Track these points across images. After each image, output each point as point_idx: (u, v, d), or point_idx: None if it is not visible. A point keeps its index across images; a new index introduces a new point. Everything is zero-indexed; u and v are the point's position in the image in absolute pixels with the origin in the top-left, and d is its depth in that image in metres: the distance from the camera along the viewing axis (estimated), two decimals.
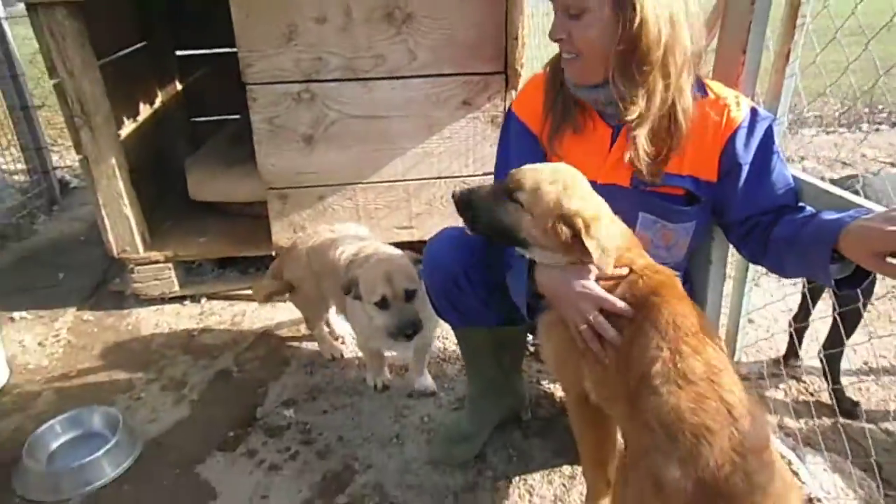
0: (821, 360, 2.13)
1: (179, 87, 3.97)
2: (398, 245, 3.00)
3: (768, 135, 1.43)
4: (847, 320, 1.91)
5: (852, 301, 1.84)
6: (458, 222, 1.48)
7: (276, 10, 2.37)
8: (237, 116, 3.92)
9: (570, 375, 1.43)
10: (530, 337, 2.13)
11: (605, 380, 1.28)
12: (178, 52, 3.98)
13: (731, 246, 1.66)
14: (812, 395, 2.29)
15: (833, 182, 1.90)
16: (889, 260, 1.09)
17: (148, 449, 2.04)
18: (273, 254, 2.83)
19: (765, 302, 2.41)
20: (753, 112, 1.44)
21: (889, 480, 1.85)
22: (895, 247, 1.08)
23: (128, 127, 3.09)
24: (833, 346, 2.07)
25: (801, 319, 2.29)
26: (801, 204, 1.44)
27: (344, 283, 2.01)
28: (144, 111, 3.38)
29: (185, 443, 2.07)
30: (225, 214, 3.16)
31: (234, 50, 2.46)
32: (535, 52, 3.62)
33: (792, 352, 2.36)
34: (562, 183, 1.32)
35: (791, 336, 2.34)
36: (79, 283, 3.13)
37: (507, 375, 1.98)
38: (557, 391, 2.21)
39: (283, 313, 2.81)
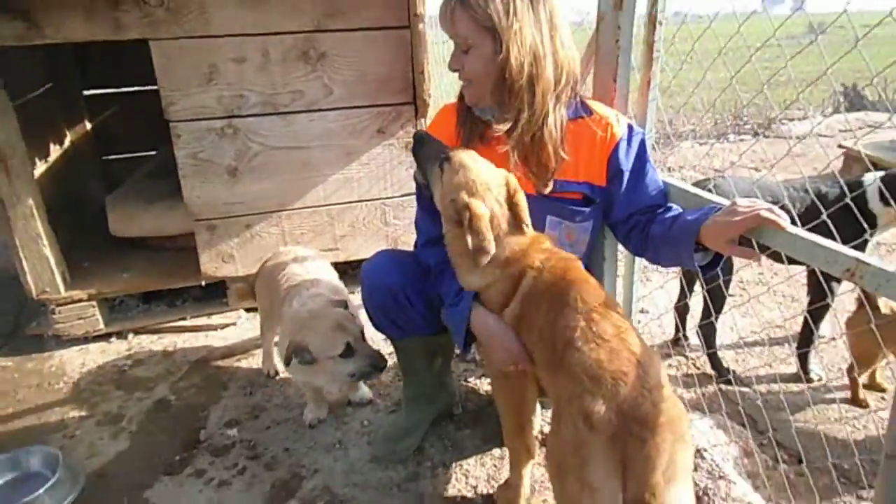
0: (697, 333, 2.52)
1: (89, 126, 3.93)
2: None
3: (642, 146, 1.75)
4: (715, 298, 2.30)
5: (716, 282, 2.22)
6: (381, 242, 1.70)
7: (196, 52, 2.51)
8: (151, 153, 3.95)
9: None
10: None
11: (536, 352, 1.53)
12: (87, 92, 3.95)
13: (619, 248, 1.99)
14: (698, 368, 2.66)
15: (693, 184, 2.31)
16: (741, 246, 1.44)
17: (91, 483, 2.06)
18: (202, 284, 2.91)
19: (655, 294, 2.79)
20: (630, 128, 1.76)
21: (762, 433, 2.21)
22: (739, 233, 1.42)
23: (40, 167, 3.07)
24: (705, 319, 2.45)
25: (681, 304, 2.68)
26: (670, 204, 1.77)
27: (287, 355, 1.92)
28: (55, 151, 3.36)
29: (130, 472, 2.11)
30: (147, 249, 3.18)
31: (144, 88, 2.57)
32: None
33: (679, 334, 2.74)
34: (478, 178, 1.55)
35: (676, 320, 2.73)
36: None
37: (439, 377, 2.19)
38: (483, 386, 2.44)
39: (216, 341, 2.88)
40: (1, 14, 2.28)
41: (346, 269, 3.30)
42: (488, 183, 1.56)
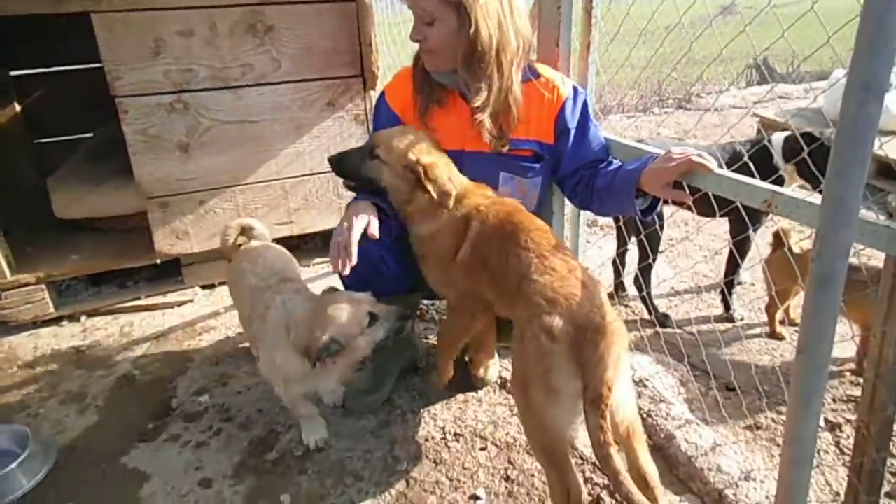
0: (634, 282, 2.77)
1: (18, 108, 3.76)
2: (280, 241, 3.19)
3: (585, 106, 1.93)
4: (652, 240, 2.55)
5: (651, 228, 2.46)
6: (335, 214, 1.82)
7: (141, 25, 2.49)
8: (86, 135, 3.84)
9: (448, 279, 1.86)
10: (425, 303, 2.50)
11: (494, 286, 1.73)
12: (14, 73, 3.77)
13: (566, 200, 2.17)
14: (636, 315, 2.91)
15: None
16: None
17: (64, 455, 2.07)
18: (157, 262, 2.90)
19: (595, 255, 3.00)
20: (575, 89, 1.93)
21: (695, 365, 2.47)
22: (674, 177, 1.63)
23: None
24: (642, 263, 2.70)
25: (619, 254, 2.93)
26: (611, 158, 1.95)
27: (316, 356, 1.72)
28: None
29: (103, 443, 2.13)
30: (93, 230, 3.13)
31: (76, 67, 2.51)
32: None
33: (618, 285, 2.98)
34: (407, 140, 1.78)
35: (615, 270, 2.98)
36: None
37: (405, 335, 2.31)
38: None
39: (174, 318, 2.89)
40: None
41: (300, 244, 3.36)
42: (419, 142, 1.79)
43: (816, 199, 1.34)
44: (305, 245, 3.44)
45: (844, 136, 1.06)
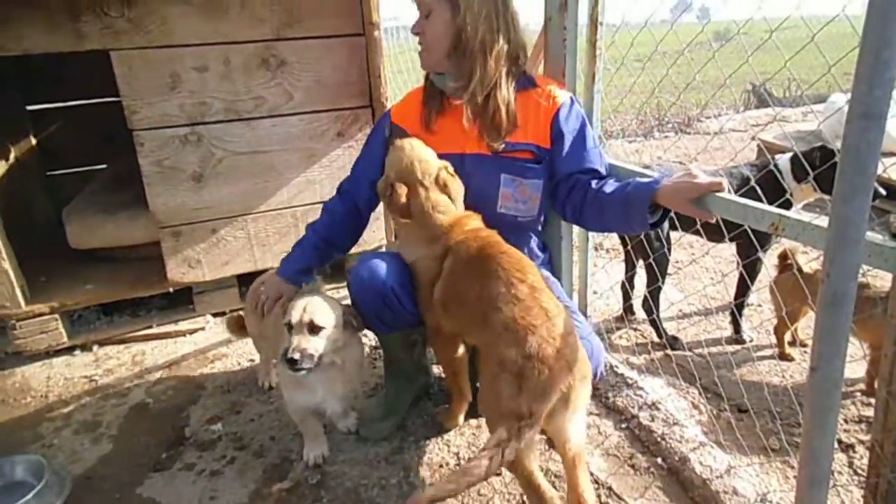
0: (643, 304, 2.79)
1: (34, 141, 3.84)
2: None
3: (583, 119, 1.99)
4: (659, 265, 2.58)
5: (660, 252, 2.50)
6: None
7: (158, 61, 2.57)
8: (99, 166, 3.91)
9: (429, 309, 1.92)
10: None
11: (463, 317, 1.78)
12: (30, 107, 3.86)
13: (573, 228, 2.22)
14: (646, 338, 2.92)
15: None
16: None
17: (79, 486, 2.07)
18: (170, 290, 2.94)
19: (603, 279, 3.03)
20: (572, 99, 2.00)
21: (706, 387, 2.47)
22: (699, 194, 1.64)
23: None
24: (651, 286, 2.72)
25: (627, 278, 2.95)
26: (608, 173, 1.99)
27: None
28: (0, 167, 3.29)
29: (117, 472, 2.13)
30: (107, 260, 3.17)
31: (90, 101, 2.59)
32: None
33: (627, 308, 3.00)
34: (409, 160, 1.85)
35: (624, 294, 3.00)
36: None
37: (417, 362, 2.34)
38: None
39: (186, 346, 2.91)
40: None
41: None
42: (417, 166, 1.84)
43: (822, 221, 1.37)
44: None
45: (848, 162, 1.10)
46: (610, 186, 1.88)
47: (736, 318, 2.84)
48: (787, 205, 2.55)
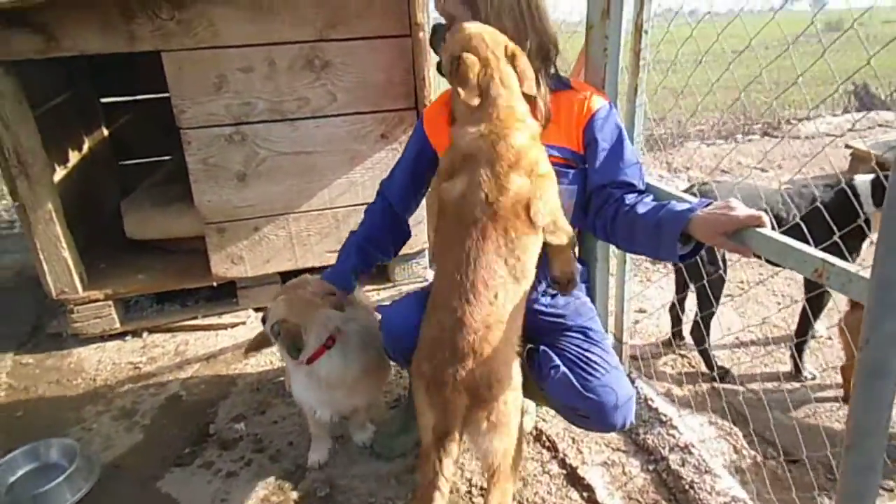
0: (694, 326, 2.58)
1: (106, 132, 4.07)
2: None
3: (619, 127, 1.80)
4: (705, 297, 2.37)
5: (715, 274, 2.30)
6: None
7: (205, 62, 2.61)
8: (166, 158, 4.09)
9: None
10: None
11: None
12: (104, 100, 4.09)
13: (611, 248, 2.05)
14: (694, 367, 2.71)
15: (684, 191, 2.42)
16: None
17: (106, 473, 2.17)
18: (214, 284, 3.03)
19: (656, 296, 2.84)
20: (610, 105, 1.82)
21: (755, 430, 2.26)
22: (736, 228, 1.45)
23: (59, 173, 3.20)
24: (702, 312, 2.51)
25: (677, 304, 2.74)
26: (646, 190, 1.81)
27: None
28: (74, 157, 3.49)
29: (143, 463, 2.21)
30: (160, 251, 3.30)
31: (158, 95, 2.67)
32: None
33: (675, 333, 2.79)
34: (475, 35, 1.60)
35: (673, 317, 2.79)
36: (14, 328, 3.17)
37: None
38: None
39: (225, 340, 2.99)
40: (21, 29, 2.40)
41: None
42: (486, 40, 1.59)
43: None
44: None
45: (891, 215, 0.93)
46: (644, 206, 1.70)
47: (796, 357, 2.57)
48: (862, 232, 2.27)
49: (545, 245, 1.63)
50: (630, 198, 1.73)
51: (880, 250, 0.98)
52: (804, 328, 2.54)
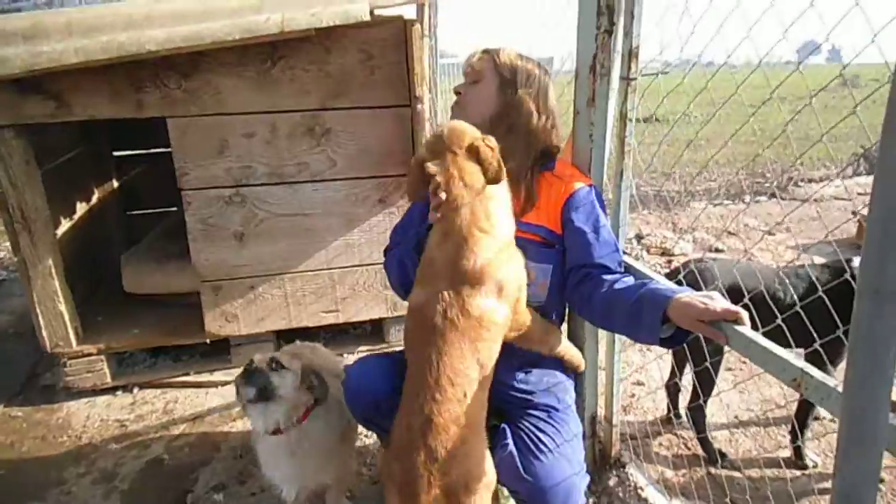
0: (686, 415, 2.50)
1: (116, 184, 4.17)
2: (326, 328, 3.26)
3: (596, 206, 1.81)
4: (703, 381, 2.30)
5: (704, 365, 2.24)
6: (381, 304, 1.79)
7: (209, 128, 2.69)
8: (173, 209, 4.16)
9: None
10: None
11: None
12: (116, 153, 4.21)
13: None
14: (690, 448, 2.62)
15: (683, 265, 2.41)
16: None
17: None
18: (207, 341, 3.02)
19: (656, 368, 2.77)
20: (591, 187, 1.83)
21: None
22: (713, 318, 1.43)
23: (64, 225, 3.27)
24: (694, 402, 2.44)
25: (672, 383, 2.67)
26: (623, 272, 1.79)
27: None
28: (81, 209, 3.57)
29: None
30: (157, 305, 3.32)
31: (168, 150, 2.74)
32: None
33: (671, 411, 2.71)
34: (448, 127, 1.63)
35: (669, 397, 2.71)
36: (8, 379, 3.18)
37: None
38: None
39: (214, 399, 2.96)
40: (35, 95, 2.49)
41: (349, 329, 3.41)
42: (446, 137, 1.57)
43: None
44: (354, 330, 3.47)
45: (860, 343, 0.90)
46: (623, 284, 1.68)
47: (800, 440, 2.46)
48: None
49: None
50: (608, 277, 1.72)
51: (851, 378, 0.95)
52: (805, 412, 2.45)
